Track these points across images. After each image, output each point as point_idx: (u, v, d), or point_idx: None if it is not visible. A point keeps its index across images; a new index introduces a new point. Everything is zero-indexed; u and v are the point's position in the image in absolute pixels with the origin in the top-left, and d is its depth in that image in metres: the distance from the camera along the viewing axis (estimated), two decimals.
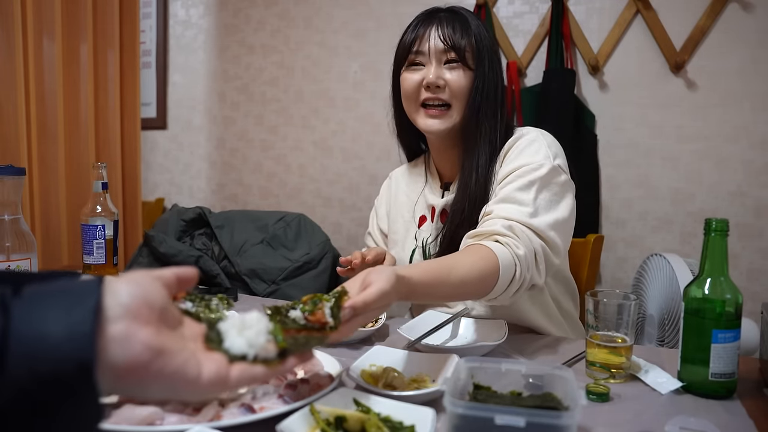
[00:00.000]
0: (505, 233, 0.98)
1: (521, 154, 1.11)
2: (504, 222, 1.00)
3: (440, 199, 1.25)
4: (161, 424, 0.65)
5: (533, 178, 1.05)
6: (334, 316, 0.66)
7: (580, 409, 0.56)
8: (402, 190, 1.37)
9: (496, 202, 1.06)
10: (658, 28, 2.05)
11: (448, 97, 1.15)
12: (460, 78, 1.14)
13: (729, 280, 0.81)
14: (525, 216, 1.01)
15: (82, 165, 2.13)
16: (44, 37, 2.00)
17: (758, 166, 1.97)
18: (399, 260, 1.28)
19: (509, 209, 1.03)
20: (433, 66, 1.15)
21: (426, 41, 1.16)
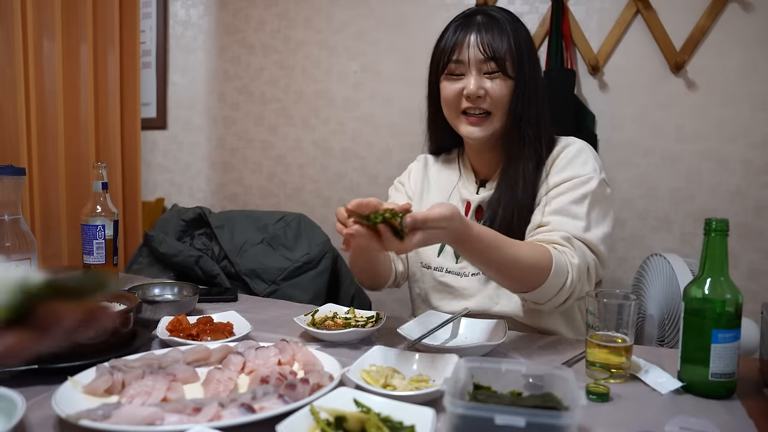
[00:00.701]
0: (563, 243, 1.04)
1: (570, 164, 1.14)
2: (562, 234, 1.05)
3: (476, 195, 1.24)
4: (161, 424, 0.65)
5: (586, 192, 1.09)
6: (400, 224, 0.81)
7: (580, 409, 0.56)
8: (431, 176, 1.36)
9: (551, 214, 1.09)
10: (658, 28, 2.05)
11: (488, 106, 1.15)
12: (500, 88, 1.14)
13: (729, 280, 0.81)
14: (580, 230, 1.06)
15: (82, 165, 2.13)
16: (44, 37, 2.00)
17: (758, 166, 1.97)
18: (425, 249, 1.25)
19: (565, 222, 1.07)
20: (473, 76, 1.14)
21: (465, 50, 1.14)
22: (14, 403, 0.67)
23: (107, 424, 0.64)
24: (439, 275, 1.23)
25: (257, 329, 1.07)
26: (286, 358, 0.87)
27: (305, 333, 1.06)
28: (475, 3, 2.26)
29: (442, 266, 1.23)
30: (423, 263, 1.26)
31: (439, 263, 1.24)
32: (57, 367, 0.82)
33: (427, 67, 1.27)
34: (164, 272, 1.75)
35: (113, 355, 0.85)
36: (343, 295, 1.89)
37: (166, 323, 1.04)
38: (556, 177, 1.13)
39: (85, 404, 0.70)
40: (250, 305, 1.32)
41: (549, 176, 1.15)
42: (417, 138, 2.62)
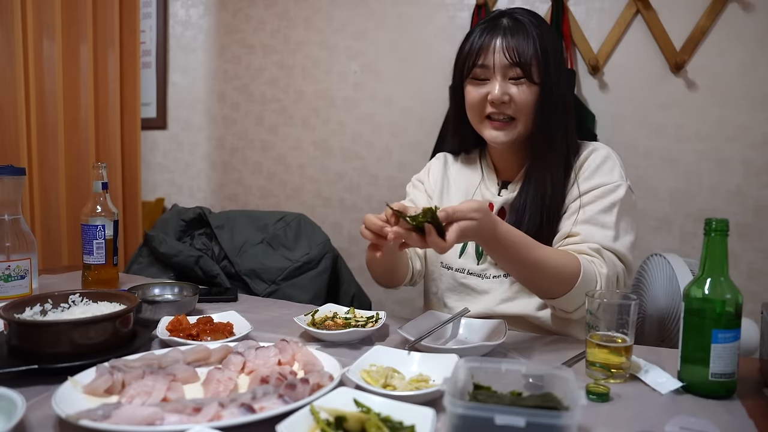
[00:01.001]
0: (593, 254, 1.05)
1: (597, 171, 1.14)
2: (591, 245, 1.06)
3: (498, 196, 1.23)
4: (161, 424, 0.65)
5: (614, 200, 1.10)
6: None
7: (580, 409, 0.56)
8: (451, 175, 1.34)
9: (581, 223, 1.10)
10: (658, 28, 2.05)
11: (512, 111, 1.14)
12: (524, 93, 1.13)
13: (729, 280, 0.81)
14: (609, 240, 1.08)
15: (82, 165, 2.13)
16: (44, 37, 2.00)
17: (758, 166, 1.97)
18: None
19: (594, 232, 1.08)
20: (497, 82, 1.13)
21: (491, 55, 1.13)
22: (14, 403, 0.67)
23: (107, 424, 0.64)
24: (460, 276, 1.23)
25: (257, 329, 1.07)
26: (286, 358, 0.87)
27: (305, 333, 1.06)
28: (475, 3, 2.26)
29: (464, 267, 1.22)
30: (444, 264, 1.26)
31: (461, 264, 1.23)
32: (57, 367, 0.82)
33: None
34: (164, 272, 1.75)
35: (113, 355, 0.85)
36: (343, 295, 1.89)
37: (166, 323, 1.04)
38: (584, 184, 1.14)
39: (85, 404, 0.70)
40: (250, 305, 1.32)
41: (577, 183, 1.15)
42: (417, 138, 2.63)
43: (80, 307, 0.99)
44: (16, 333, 0.87)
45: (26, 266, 1.26)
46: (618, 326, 0.87)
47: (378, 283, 1.29)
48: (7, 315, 0.88)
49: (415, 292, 2.54)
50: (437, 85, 2.39)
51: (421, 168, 1.42)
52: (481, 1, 2.24)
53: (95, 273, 1.37)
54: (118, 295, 1.03)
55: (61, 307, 0.99)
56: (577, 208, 1.12)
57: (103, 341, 0.89)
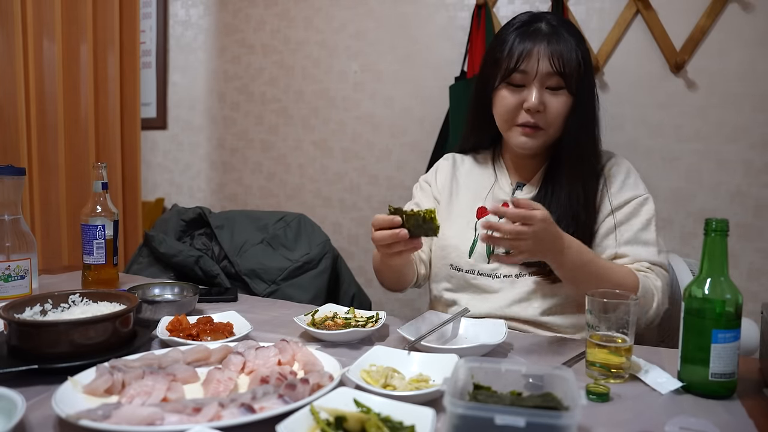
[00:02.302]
0: (645, 270, 1.10)
1: (625, 185, 1.18)
2: (642, 263, 1.11)
3: (512, 196, 1.23)
4: (161, 424, 0.65)
5: (648, 216, 1.15)
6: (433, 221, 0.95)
7: (580, 409, 0.56)
8: (460, 176, 1.32)
9: (624, 245, 1.13)
10: (658, 28, 2.06)
11: (543, 122, 1.13)
12: (559, 104, 1.12)
13: (729, 280, 0.81)
14: (654, 255, 1.12)
15: (82, 165, 2.13)
16: (44, 37, 2.00)
17: (758, 166, 1.97)
18: (451, 245, 1.23)
19: (640, 252, 1.12)
20: (535, 90, 1.11)
21: (533, 61, 1.11)
22: (14, 403, 0.67)
23: (107, 424, 0.64)
24: (470, 278, 1.20)
25: (257, 329, 1.07)
26: (286, 358, 0.87)
27: (305, 333, 1.06)
28: (475, 3, 2.26)
29: (474, 268, 1.20)
30: (454, 266, 1.22)
31: (471, 265, 1.20)
32: (57, 367, 0.82)
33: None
34: (164, 272, 1.75)
35: (113, 355, 0.85)
36: (343, 295, 1.89)
37: (166, 323, 1.04)
38: (615, 199, 1.16)
39: (85, 404, 0.70)
40: (250, 305, 1.32)
41: (603, 197, 1.16)
42: (417, 138, 2.63)
43: (80, 307, 0.99)
44: (16, 333, 0.87)
45: (26, 266, 1.26)
46: (618, 326, 0.87)
47: (385, 287, 1.29)
48: (7, 315, 0.88)
49: (415, 292, 2.54)
50: (437, 85, 2.39)
51: (421, 168, 1.43)
52: (481, 1, 2.24)
53: (95, 273, 1.37)
54: (118, 295, 1.03)
55: (61, 307, 0.99)
56: (613, 226, 1.15)
57: (103, 341, 0.89)
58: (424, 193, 1.35)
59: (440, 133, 2.32)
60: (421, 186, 1.38)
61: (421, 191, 1.36)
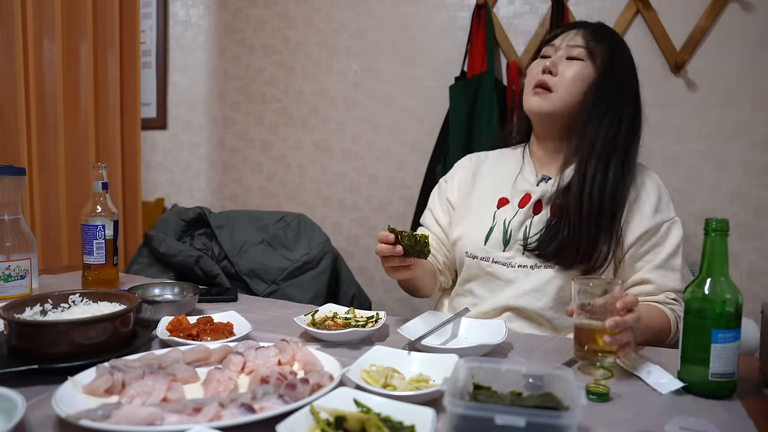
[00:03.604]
0: (671, 303, 1.12)
1: (659, 207, 1.18)
2: (669, 294, 1.13)
3: (536, 187, 1.22)
4: (161, 424, 0.65)
5: (677, 242, 1.15)
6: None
7: (580, 409, 0.56)
8: (484, 171, 1.34)
9: (653, 270, 1.13)
10: (658, 28, 2.05)
11: (553, 83, 1.16)
12: (574, 71, 1.16)
13: (729, 280, 0.81)
14: (680, 284, 1.13)
15: (82, 165, 2.13)
16: (44, 37, 2.00)
17: (758, 166, 1.97)
18: (467, 234, 1.24)
19: (667, 280, 1.13)
20: (556, 56, 1.18)
21: (564, 38, 1.20)
22: (14, 403, 0.67)
23: (107, 424, 0.64)
24: (485, 265, 1.21)
25: (257, 329, 1.07)
26: (286, 358, 0.87)
27: (305, 333, 1.06)
28: (475, 3, 2.26)
29: (489, 256, 1.20)
30: (469, 253, 1.23)
31: (486, 253, 1.21)
32: (57, 367, 0.82)
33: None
34: (164, 272, 1.75)
35: (113, 355, 0.85)
36: (343, 295, 1.89)
37: (166, 323, 1.04)
38: (650, 221, 1.15)
39: (85, 404, 0.70)
40: (250, 305, 1.32)
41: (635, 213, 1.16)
42: (417, 138, 2.63)
43: (80, 307, 0.99)
44: (16, 333, 0.87)
45: (26, 266, 1.26)
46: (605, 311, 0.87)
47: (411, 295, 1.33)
48: (7, 315, 0.88)
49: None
50: (437, 85, 2.39)
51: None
52: (481, 1, 2.24)
53: (95, 273, 1.37)
54: (118, 295, 1.03)
55: (61, 307, 0.99)
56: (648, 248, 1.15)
57: (103, 341, 0.89)
58: (440, 194, 1.38)
59: (440, 133, 2.32)
60: (439, 186, 1.40)
61: (438, 193, 1.38)
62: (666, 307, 1.12)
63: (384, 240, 1.04)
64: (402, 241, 1.03)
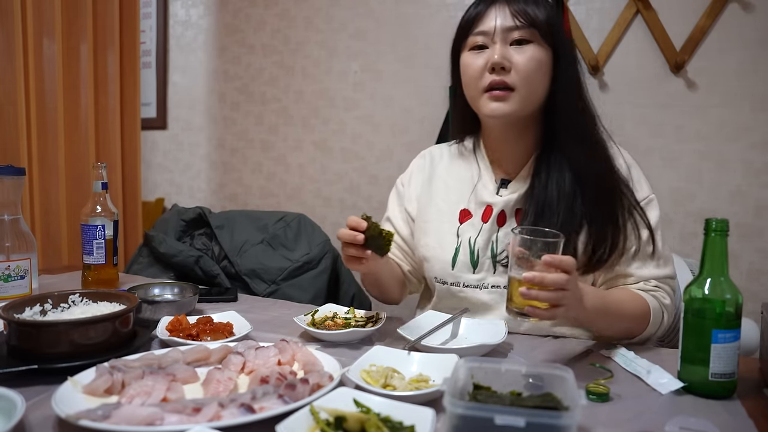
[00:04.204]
0: (653, 290, 1.06)
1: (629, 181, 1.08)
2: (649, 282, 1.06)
3: (497, 196, 1.11)
4: (161, 424, 0.65)
5: (655, 224, 1.07)
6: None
7: (580, 409, 0.56)
8: (439, 175, 1.22)
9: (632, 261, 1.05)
10: (658, 28, 2.05)
11: (512, 80, 1.02)
12: (529, 58, 1.01)
13: (729, 280, 0.81)
14: (662, 270, 1.06)
15: (82, 165, 2.13)
16: (44, 37, 2.00)
17: (758, 166, 1.97)
18: (433, 256, 1.15)
19: (645, 270, 1.06)
20: (498, 45, 1.03)
21: (490, 20, 1.04)
22: (14, 403, 0.67)
23: (107, 424, 0.64)
24: (456, 290, 1.13)
25: (257, 329, 1.07)
26: (286, 358, 0.87)
27: (305, 333, 1.06)
28: None
29: (459, 280, 1.12)
30: (438, 278, 1.15)
31: (456, 278, 1.12)
32: (57, 367, 0.82)
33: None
34: (164, 272, 1.75)
35: (113, 355, 0.85)
36: (343, 295, 1.89)
37: (166, 323, 1.04)
38: None
39: (84, 404, 0.70)
40: (250, 305, 1.32)
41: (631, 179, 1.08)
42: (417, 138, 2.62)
43: (80, 307, 0.99)
44: (16, 333, 0.87)
45: (26, 266, 1.26)
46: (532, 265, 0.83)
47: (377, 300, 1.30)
48: (6, 315, 0.88)
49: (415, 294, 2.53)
50: (437, 85, 2.39)
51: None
52: None
53: (95, 273, 1.37)
54: (118, 295, 1.03)
55: (61, 307, 0.99)
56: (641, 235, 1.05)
57: (103, 341, 0.89)
58: (399, 202, 1.29)
59: (440, 133, 2.31)
60: (397, 191, 1.31)
61: (397, 200, 1.30)
62: (646, 294, 1.04)
63: (353, 226, 0.98)
64: (367, 231, 0.98)
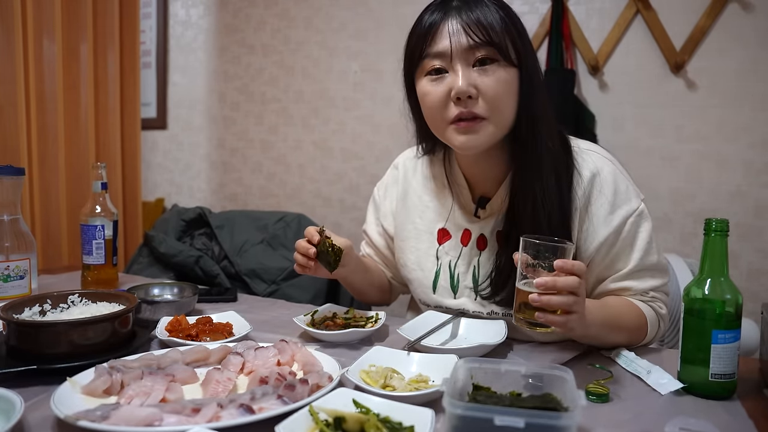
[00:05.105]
0: (650, 301, 1.02)
1: (615, 205, 0.97)
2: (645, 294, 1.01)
3: (475, 219, 1.05)
4: (160, 424, 0.65)
5: (647, 236, 0.98)
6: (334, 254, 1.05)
7: (580, 409, 0.56)
8: (414, 189, 1.15)
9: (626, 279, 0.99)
10: (658, 28, 2.05)
11: (482, 110, 0.91)
12: (496, 81, 0.90)
13: (729, 280, 0.81)
14: (657, 281, 1.01)
15: (82, 165, 2.13)
16: (44, 37, 2.00)
17: (758, 166, 1.97)
18: (415, 279, 1.12)
19: (644, 284, 1.00)
20: (460, 71, 0.90)
21: (444, 38, 0.91)
22: (13, 404, 0.67)
23: (106, 424, 0.64)
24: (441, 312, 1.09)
25: (257, 329, 1.06)
26: (285, 358, 0.87)
27: (305, 333, 1.06)
28: None
29: (441, 304, 1.09)
30: (421, 300, 1.13)
31: (437, 301, 1.09)
32: (56, 368, 0.82)
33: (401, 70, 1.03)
34: (164, 272, 1.75)
35: (112, 355, 0.85)
36: (343, 295, 1.89)
37: (166, 323, 1.03)
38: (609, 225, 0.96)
39: (83, 405, 0.70)
40: (250, 305, 1.32)
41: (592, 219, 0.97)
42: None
43: (79, 308, 0.99)
44: (15, 333, 0.87)
45: (25, 266, 1.26)
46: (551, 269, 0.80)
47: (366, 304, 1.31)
48: (6, 315, 0.88)
49: None
50: None
51: None
52: None
53: (95, 273, 1.37)
54: (118, 295, 1.03)
55: (60, 308, 0.99)
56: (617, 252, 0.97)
57: (102, 341, 0.89)
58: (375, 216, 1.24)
59: None
60: (374, 202, 1.25)
61: (374, 213, 1.25)
62: (643, 304, 1.00)
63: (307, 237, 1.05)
64: (319, 245, 1.04)
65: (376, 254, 1.28)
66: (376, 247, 1.26)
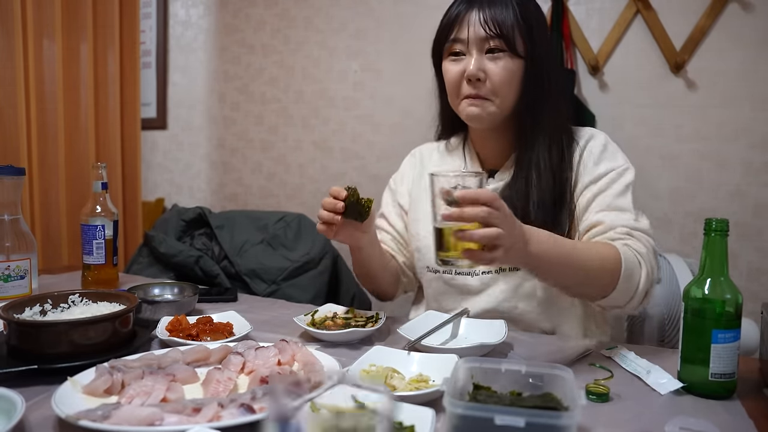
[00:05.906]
0: (624, 237, 1.01)
1: (601, 159, 1.11)
2: (619, 230, 1.02)
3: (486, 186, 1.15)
4: (160, 424, 0.65)
5: (626, 182, 1.08)
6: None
7: (580, 409, 0.56)
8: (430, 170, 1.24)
9: (599, 211, 1.06)
10: (658, 28, 2.05)
11: (487, 92, 1.07)
12: (502, 69, 1.06)
13: (729, 280, 0.81)
14: (632, 221, 1.04)
15: (82, 165, 2.13)
16: (44, 37, 2.00)
17: (758, 166, 1.97)
18: (425, 246, 1.20)
19: (615, 218, 1.04)
20: (474, 57, 1.07)
21: (465, 27, 1.07)
22: (14, 404, 0.67)
23: (106, 424, 0.64)
24: (448, 278, 1.18)
25: (257, 329, 1.06)
26: (285, 358, 0.87)
27: (305, 333, 1.06)
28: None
29: (450, 268, 1.16)
30: (430, 268, 1.21)
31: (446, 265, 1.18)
32: (57, 367, 0.82)
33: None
34: (164, 272, 1.75)
35: (113, 355, 0.85)
36: (343, 295, 1.89)
37: (166, 323, 1.04)
38: (592, 173, 1.10)
39: (84, 404, 0.70)
40: (250, 305, 1.32)
41: (581, 173, 1.10)
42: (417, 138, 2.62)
43: (80, 308, 0.99)
44: (16, 333, 0.87)
45: (26, 266, 1.26)
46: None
47: (369, 291, 1.30)
48: (6, 315, 0.88)
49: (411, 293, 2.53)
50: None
51: None
52: None
53: (95, 273, 1.37)
54: (118, 295, 1.03)
55: (61, 308, 0.99)
56: (592, 197, 1.08)
57: (103, 341, 0.89)
58: (392, 198, 1.34)
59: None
60: (390, 189, 1.38)
61: (390, 196, 1.36)
62: (617, 242, 1.00)
63: (333, 194, 1.02)
64: (346, 199, 1.01)
65: (392, 240, 1.31)
66: (395, 228, 1.31)
